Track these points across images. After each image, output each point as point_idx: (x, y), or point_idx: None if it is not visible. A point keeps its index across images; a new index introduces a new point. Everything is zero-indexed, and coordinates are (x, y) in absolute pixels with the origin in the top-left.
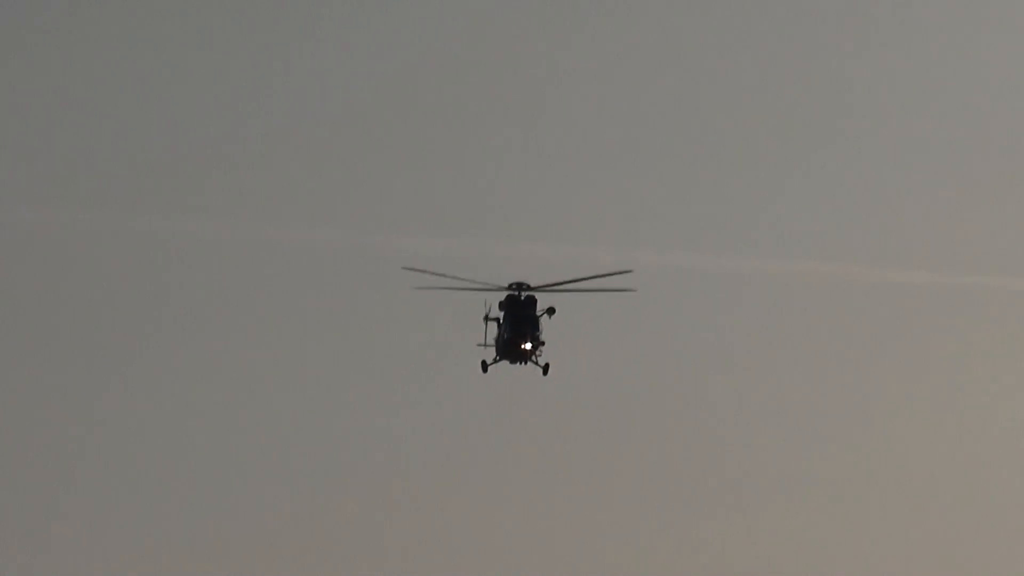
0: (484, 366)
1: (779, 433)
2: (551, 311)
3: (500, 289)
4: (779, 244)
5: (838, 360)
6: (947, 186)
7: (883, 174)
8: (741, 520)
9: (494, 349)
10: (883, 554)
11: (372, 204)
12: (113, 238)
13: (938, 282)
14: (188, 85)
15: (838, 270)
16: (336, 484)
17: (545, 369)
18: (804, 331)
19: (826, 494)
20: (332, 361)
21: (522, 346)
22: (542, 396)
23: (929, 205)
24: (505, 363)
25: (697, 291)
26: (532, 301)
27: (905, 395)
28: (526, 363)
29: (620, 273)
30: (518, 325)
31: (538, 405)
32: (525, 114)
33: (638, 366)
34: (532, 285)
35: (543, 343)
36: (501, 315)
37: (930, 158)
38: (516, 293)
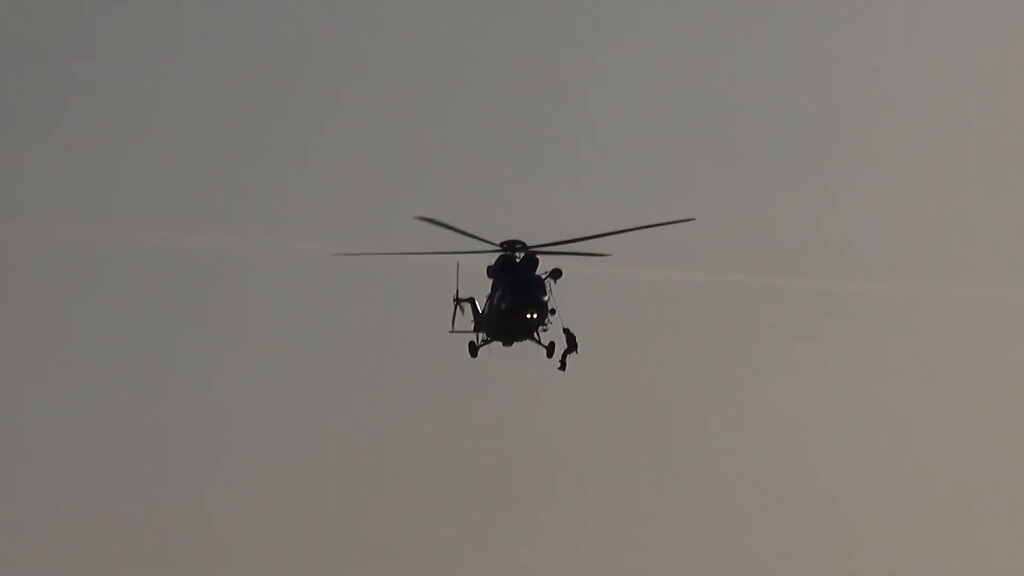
0: (472, 349)
1: (783, 440)
2: (556, 274)
3: (490, 250)
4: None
5: (836, 368)
6: (945, 195)
7: (883, 185)
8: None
9: (477, 330)
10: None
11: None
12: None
13: (936, 292)
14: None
15: (844, 281)
16: (307, 493)
17: (550, 350)
18: (805, 338)
19: (827, 499)
20: (298, 358)
21: (527, 315)
22: (550, 386)
23: (925, 214)
24: (498, 345)
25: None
26: (532, 262)
27: (904, 404)
28: (529, 339)
29: (682, 221)
30: (520, 289)
31: (545, 398)
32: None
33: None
34: (530, 245)
35: (554, 311)
36: (491, 284)
37: (929, 166)
38: (511, 253)
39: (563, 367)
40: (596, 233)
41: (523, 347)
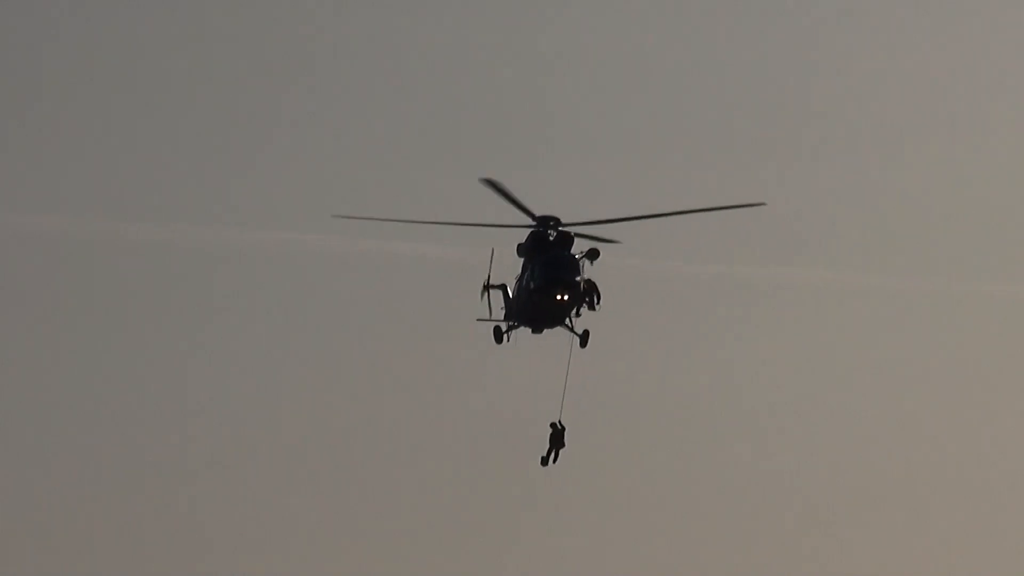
0: (498, 334)
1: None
2: (593, 254)
3: (521, 226)
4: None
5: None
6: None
7: (882, 179)
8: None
9: (508, 318)
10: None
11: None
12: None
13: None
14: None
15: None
16: (321, 492)
17: (584, 338)
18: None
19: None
20: (310, 352)
21: (558, 297)
22: (576, 377)
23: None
24: (526, 332)
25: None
26: (567, 239)
27: (908, 402)
28: (560, 326)
29: (751, 206)
30: (551, 268)
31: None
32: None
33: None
34: (565, 222)
35: (588, 293)
36: (521, 263)
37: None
38: (544, 230)
39: (548, 461)
40: (652, 213)
41: (553, 334)
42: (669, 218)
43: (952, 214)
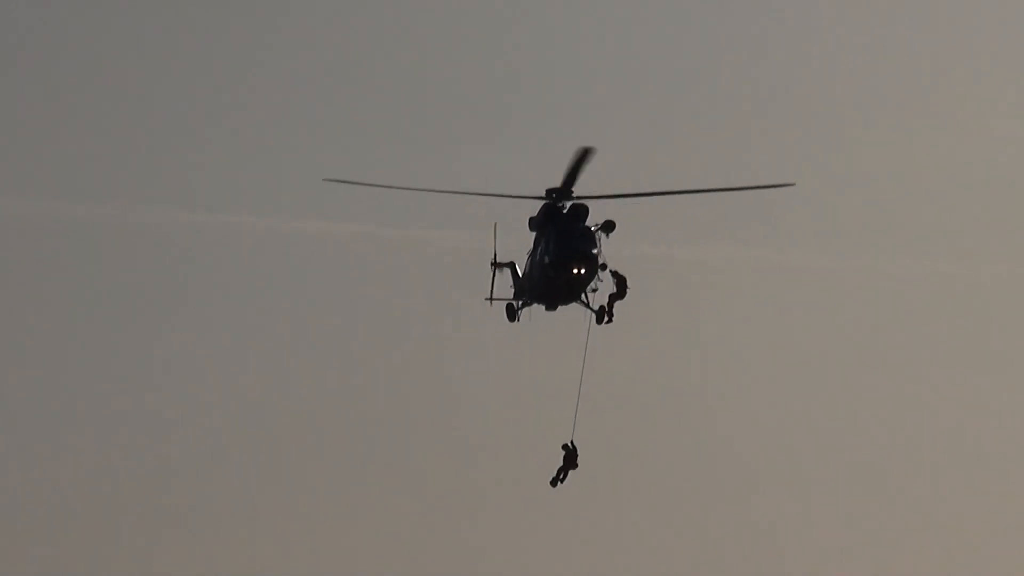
0: (511, 312)
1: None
2: (609, 226)
3: (531, 197)
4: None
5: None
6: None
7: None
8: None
9: (518, 296)
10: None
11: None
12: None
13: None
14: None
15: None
16: (332, 479)
17: (600, 315)
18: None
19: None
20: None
21: (574, 270)
22: (601, 358)
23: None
24: (540, 309)
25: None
26: (581, 211)
27: (915, 390)
28: (576, 302)
29: (782, 186)
30: (565, 240)
31: (590, 372)
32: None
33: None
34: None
35: (604, 266)
36: (533, 239)
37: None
38: (556, 202)
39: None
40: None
41: (569, 311)
42: (667, 199)
43: (942, 197)
